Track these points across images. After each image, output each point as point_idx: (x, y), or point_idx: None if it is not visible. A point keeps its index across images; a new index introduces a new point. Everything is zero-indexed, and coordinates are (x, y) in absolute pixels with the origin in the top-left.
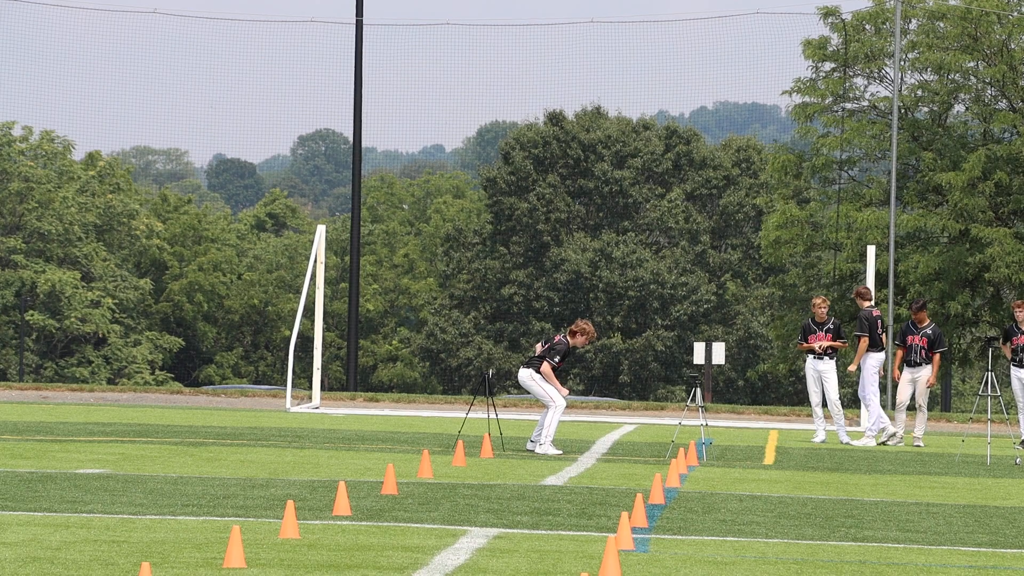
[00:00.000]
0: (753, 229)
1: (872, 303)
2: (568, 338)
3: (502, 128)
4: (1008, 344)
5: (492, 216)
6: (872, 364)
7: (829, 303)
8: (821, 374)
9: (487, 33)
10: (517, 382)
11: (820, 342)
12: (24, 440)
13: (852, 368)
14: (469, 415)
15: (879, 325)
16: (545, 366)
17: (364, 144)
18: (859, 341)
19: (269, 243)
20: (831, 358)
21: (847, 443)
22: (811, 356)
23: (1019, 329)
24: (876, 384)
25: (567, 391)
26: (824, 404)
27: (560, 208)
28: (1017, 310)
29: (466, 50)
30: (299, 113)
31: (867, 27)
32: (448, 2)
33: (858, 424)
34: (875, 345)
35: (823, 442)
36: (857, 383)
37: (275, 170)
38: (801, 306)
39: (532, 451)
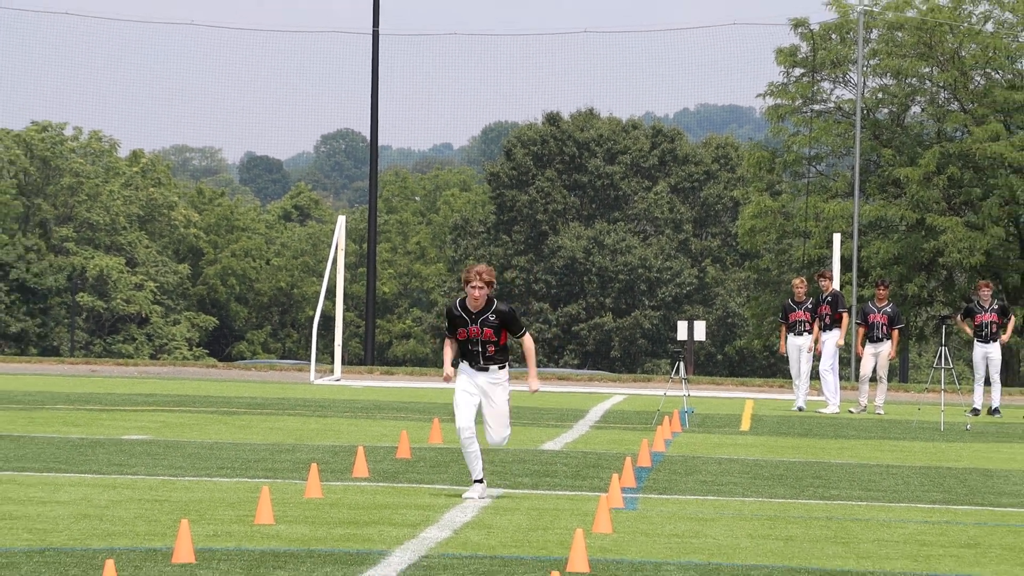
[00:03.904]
0: (731, 219)
1: (811, 295)
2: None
3: (504, 127)
4: (970, 320)
5: (495, 207)
6: (836, 340)
7: (807, 284)
8: (800, 348)
9: (491, 42)
10: (523, 353)
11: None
12: (75, 409)
13: (840, 342)
14: None
15: None
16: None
17: (380, 142)
18: (844, 317)
19: (295, 232)
20: (809, 334)
21: (802, 409)
22: (791, 333)
23: (982, 308)
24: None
25: (449, 374)
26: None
27: (557, 200)
28: (983, 290)
29: (472, 57)
30: (322, 114)
31: (833, 36)
32: (456, 14)
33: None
34: (837, 322)
35: (800, 410)
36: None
37: (300, 166)
38: (774, 288)
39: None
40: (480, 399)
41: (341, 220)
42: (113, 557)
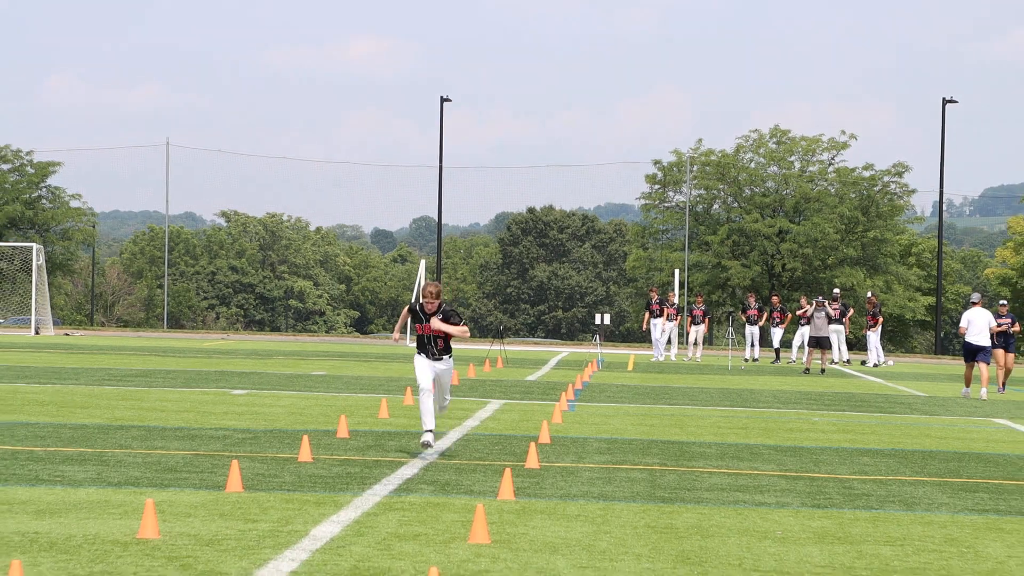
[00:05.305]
0: (623, 261)
1: (660, 297)
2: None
3: (507, 214)
4: (744, 313)
5: (502, 256)
6: (670, 325)
7: (660, 291)
8: (663, 328)
9: (500, 171)
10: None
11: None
12: (287, 358)
13: (670, 324)
14: (491, 348)
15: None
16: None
17: (443, 221)
18: (667, 310)
19: (399, 268)
20: (668, 320)
21: (669, 360)
22: (656, 319)
23: (751, 306)
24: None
25: (395, 337)
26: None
27: (533, 252)
28: (750, 298)
29: (492, 178)
30: (413, 207)
31: (674, 168)
32: (482, 154)
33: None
34: (672, 315)
35: (657, 360)
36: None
37: (402, 234)
38: (645, 297)
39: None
40: (434, 375)
41: (423, 262)
42: (307, 435)
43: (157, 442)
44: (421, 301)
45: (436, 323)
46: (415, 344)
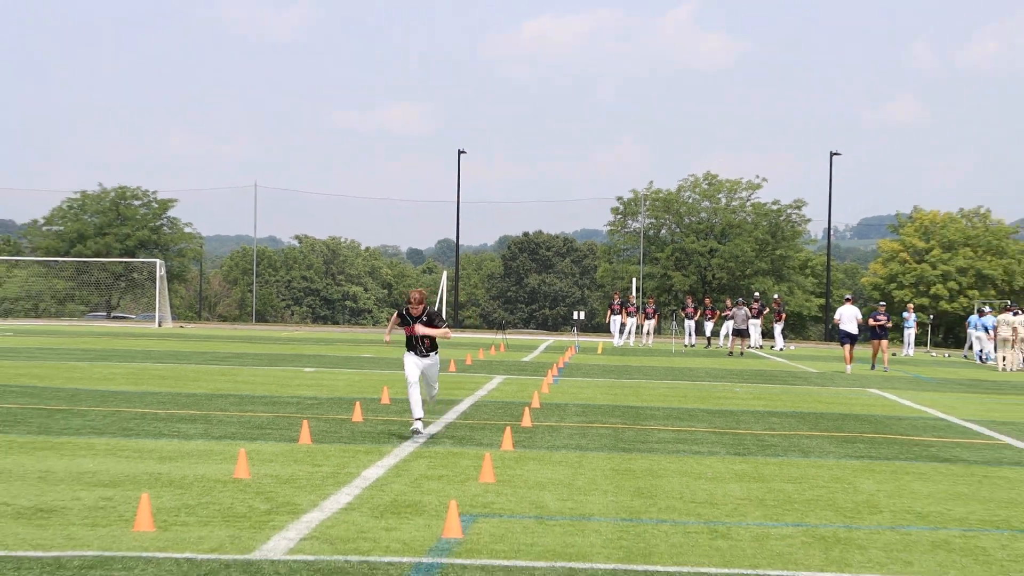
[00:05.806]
0: (594, 272)
1: (622, 299)
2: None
3: (508, 237)
4: (684, 310)
5: (503, 268)
6: (631, 320)
7: (621, 294)
8: (622, 322)
9: (502, 205)
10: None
11: (615, 310)
12: (344, 343)
13: (628, 320)
14: (496, 337)
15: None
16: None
17: (461, 243)
18: (629, 309)
19: (427, 278)
20: (628, 316)
21: (628, 345)
22: (615, 316)
23: (688, 305)
24: (622, 324)
25: (387, 340)
26: (620, 332)
27: (528, 265)
28: (688, 299)
29: (496, 210)
30: (437, 230)
31: (633, 203)
32: (489, 191)
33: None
34: (623, 311)
35: (619, 346)
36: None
37: (429, 252)
38: (610, 299)
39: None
40: (421, 371)
41: (444, 274)
42: (359, 401)
43: (248, 407)
44: (407, 306)
45: (420, 328)
46: (405, 344)
